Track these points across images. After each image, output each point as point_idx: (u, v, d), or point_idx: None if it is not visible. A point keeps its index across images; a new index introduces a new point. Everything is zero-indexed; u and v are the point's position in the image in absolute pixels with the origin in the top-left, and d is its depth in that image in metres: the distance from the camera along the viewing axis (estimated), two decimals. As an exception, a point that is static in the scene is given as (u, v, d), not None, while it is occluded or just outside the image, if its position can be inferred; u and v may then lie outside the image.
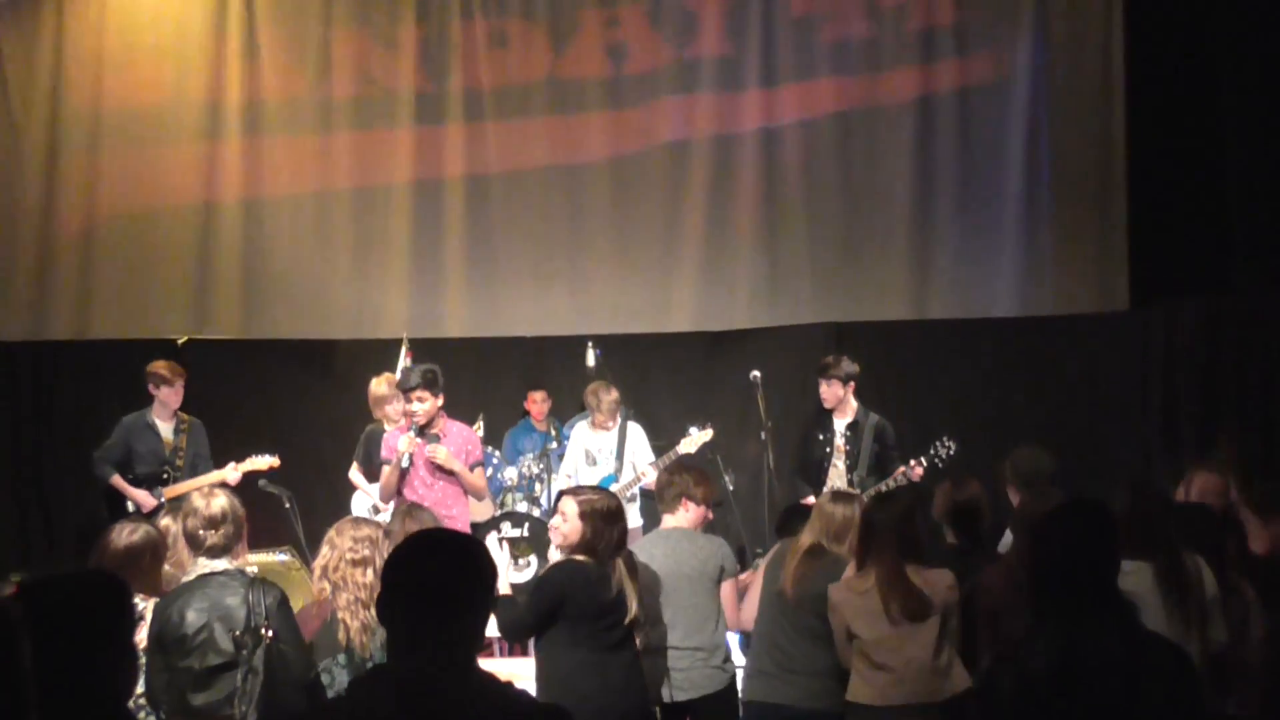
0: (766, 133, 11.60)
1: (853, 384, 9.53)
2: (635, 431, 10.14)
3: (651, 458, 9.91)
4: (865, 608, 5.74)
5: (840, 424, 9.54)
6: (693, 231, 11.65)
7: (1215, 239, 10.67)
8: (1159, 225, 10.96)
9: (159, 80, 11.60)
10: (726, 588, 6.69)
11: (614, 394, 10.08)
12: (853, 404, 9.55)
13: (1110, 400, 10.97)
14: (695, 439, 9.77)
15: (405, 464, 8.34)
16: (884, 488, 9.11)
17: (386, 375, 9.86)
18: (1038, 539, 3.92)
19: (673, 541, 6.63)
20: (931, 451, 9.20)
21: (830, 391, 9.49)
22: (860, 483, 9.30)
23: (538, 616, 5.82)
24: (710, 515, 6.97)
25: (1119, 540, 3.95)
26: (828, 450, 9.51)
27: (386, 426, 9.73)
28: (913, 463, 9.21)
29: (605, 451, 10.14)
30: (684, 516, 6.71)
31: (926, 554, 5.96)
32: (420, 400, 8.32)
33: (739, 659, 6.97)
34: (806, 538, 6.29)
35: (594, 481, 9.75)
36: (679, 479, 6.76)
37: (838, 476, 9.46)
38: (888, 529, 5.79)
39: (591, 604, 5.76)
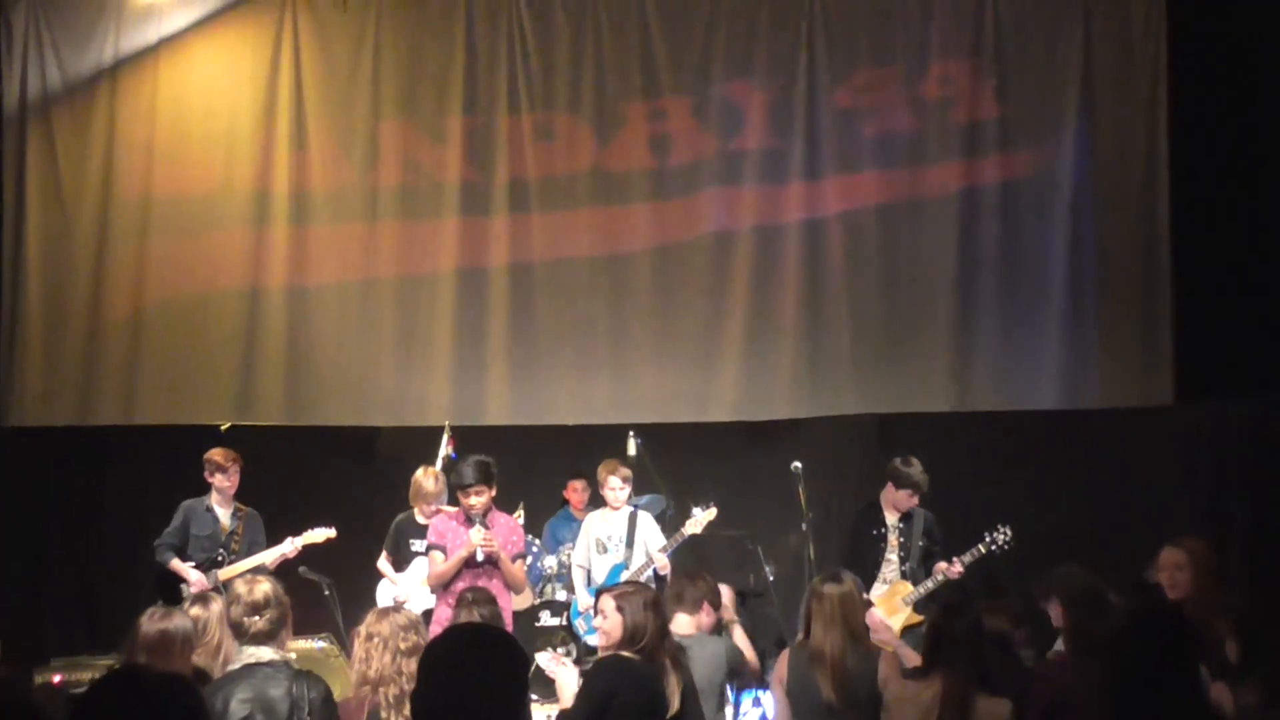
0: (810, 224, 11.60)
1: None
2: (645, 520, 10.15)
3: (663, 542, 9.91)
4: (920, 716, 5.68)
5: (892, 518, 9.52)
6: (735, 322, 11.65)
7: (1263, 336, 10.61)
8: (1205, 321, 10.91)
9: (208, 169, 11.72)
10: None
11: (623, 470, 10.10)
12: None
13: (1154, 498, 10.86)
14: (700, 519, 9.82)
15: (480, 558, 8.38)
16: (923, 590, 9.09)
17: (434, 471, 9.89)
18: (1118, 647, 3.85)
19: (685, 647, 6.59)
20: (989, 538, 9.12)
21: (909, 500, 9.49)
22: (912, 574, 9.33)
23: (591, 716, 5.78)
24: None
25: (1198, 648, 3.90)
26: (881, 545, 9.49)
27: (419, 518, 9.77)
28: (954, 560, 9.15)
29: (615, 539, 10.15)
30: (702, 620, 6.70)
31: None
32: (478, 494, 8.41)
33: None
34: (831, 638, 6.19)
35: (604, 569, 9.76)
36: (703, 583, 6.77)
37: (891, 570, 9.44)
38: (961, 644, 5.73)
39: (639, 700, 5.72)
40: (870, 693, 6.02)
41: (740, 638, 7.25)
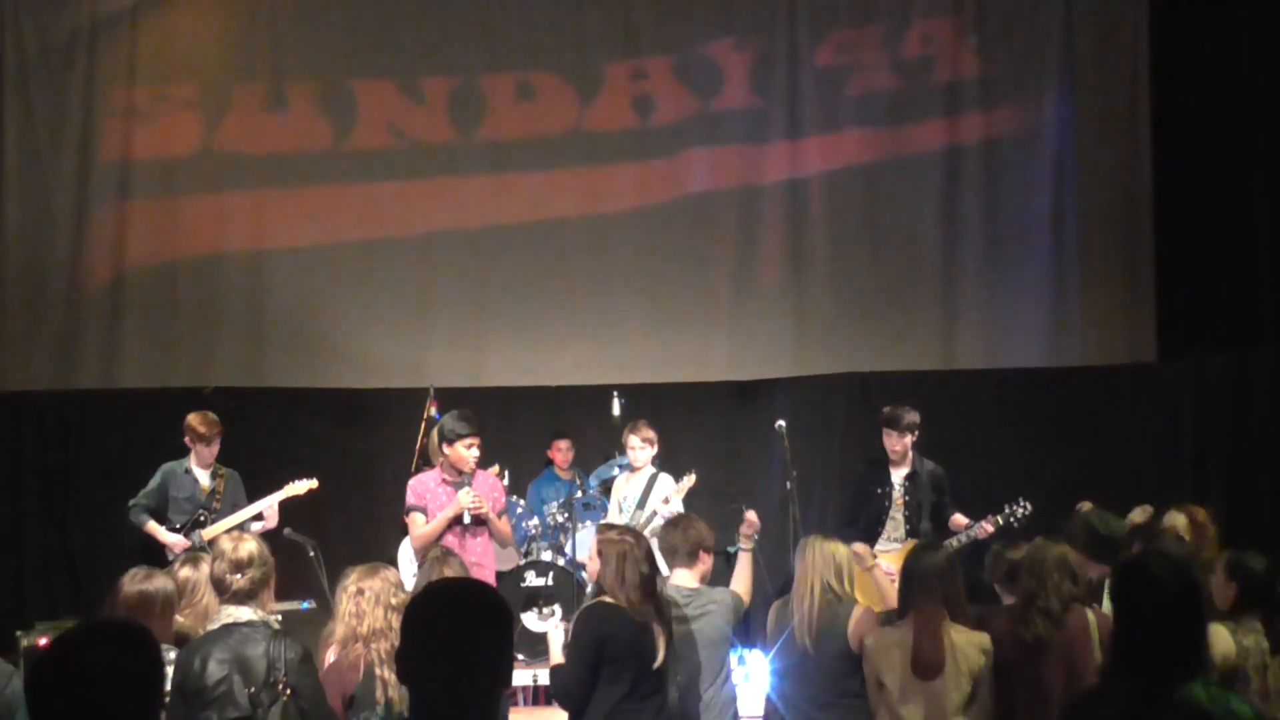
0: (792, 184, 11.61)
1: (916, 434, 9.44)
2: (663, 482, 10.12)
3: (679, 507, 9.90)
4: (895, 658, 5.71)
5: (898, 475, 9.39)
6: (718, 282, 11.65)
7: (1244, 292, 10.62)
8: (1187, 278, 10.93)
9: (187, 132, 11.67)
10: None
11: (646, 431, 10.05)
12: (910, 454, 9.46)
13: (1138, 454, 10.89)
14: (682, 488, 9.81)
15: (467, 520, 8.29)
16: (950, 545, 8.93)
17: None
18: (1124, 593, 3.81)
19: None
20: (1006, 511, 8.98)
21: (901, 443, 9.37)
22: (923, 535, 9.14)
23: (586, 665, 5.73)
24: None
25: (1205, 603, 3.87)
26: (886, 504, 9.35)
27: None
28: (983, 522, 8.97)
29: (630, 500, 10.13)
30: (699, 569, 6.63)
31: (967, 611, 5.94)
32: (476, 445, 8.30)
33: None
34: (803, 591, 6.23)
35: (615, 531, 9.70)
36: (692, 531, 6.66)
37: (895, 529, 9.31)
38: (930, 580, 5.76)
39: (627, 645, 5.71)
40: (840, 648, 6.04)
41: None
